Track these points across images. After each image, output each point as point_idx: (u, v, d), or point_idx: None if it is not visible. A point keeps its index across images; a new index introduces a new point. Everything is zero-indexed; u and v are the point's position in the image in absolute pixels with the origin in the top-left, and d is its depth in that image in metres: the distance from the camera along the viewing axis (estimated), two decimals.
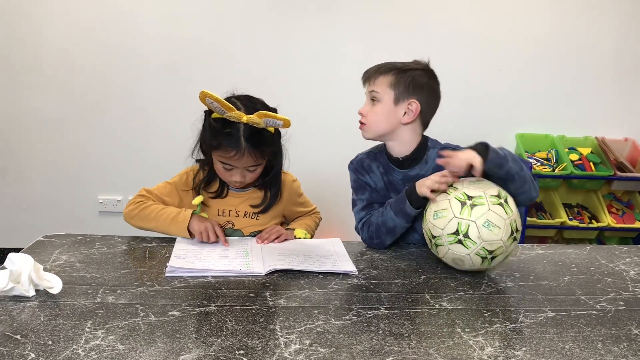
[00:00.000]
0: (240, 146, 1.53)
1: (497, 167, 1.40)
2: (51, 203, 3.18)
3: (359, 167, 1.69)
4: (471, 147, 1.43)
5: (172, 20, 3.02)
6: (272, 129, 1.55)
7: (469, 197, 1.36)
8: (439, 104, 1.64)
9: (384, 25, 3.09)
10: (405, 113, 1.57)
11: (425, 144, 1.64)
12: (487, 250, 1.33)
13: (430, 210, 1.43)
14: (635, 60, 3.22)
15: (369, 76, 1.62)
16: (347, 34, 3.10)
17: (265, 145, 1.57)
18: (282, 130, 1.63)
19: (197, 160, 1.71)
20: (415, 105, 1.57)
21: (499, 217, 1.34)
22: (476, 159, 1.38)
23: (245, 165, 1.58)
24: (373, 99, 1.59)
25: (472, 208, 1.34)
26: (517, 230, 1.37)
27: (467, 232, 1.33)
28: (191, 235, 1.56)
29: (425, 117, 1.61)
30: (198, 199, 1.65)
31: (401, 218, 1.52)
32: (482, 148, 1.41)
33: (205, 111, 1.59)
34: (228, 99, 1.58)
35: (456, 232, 1.34)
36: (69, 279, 1.26)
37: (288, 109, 1.70)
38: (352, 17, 3.08)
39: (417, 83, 1.57)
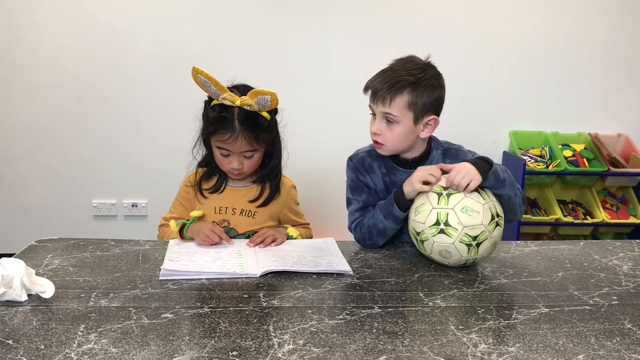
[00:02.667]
0: (234, 128, 1.56)
1: (491, 189, 1.42)
2: (45, 208, 3.17)
3: (359, 166, 1.64)
4: (474, 161, 1.42)
5: (164, 25, 3.02)
6: (267, 115, 1.57)
7: (445, 188, 1.39)
8: None
9: (377, 24, 3.10)
10: (424, 129, 1.54)
11: (429, 144, 1.62)
12: (470, 236, 1.34)
13: (412, 209, 1.45)
14: (627, 56, 3.24)
15: (381, 96, 1.50)
16: (340, 33, 3.10)
17: (260, 130, 1.59)
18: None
19: (199, 163, 1.75)
20: (434, 121, 1.54)
21: (475, 202, 1.36)
22: (476, 181, 1.37)
23: (241, 150, 1.60)
24: (389, 120, 1.52)
25: (448, 197, 1.37)
26: (498, 216, 1.39)
27: (446, 220, 1.35)
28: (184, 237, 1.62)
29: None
30: (195, 213, 1.68)
31: (391, 221, 1.52)
32: (484, 167, 1.40)
33: (205, 101, 1.63)
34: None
35: (437, 223, 1.36)
36: (61, 283, 1.25)
37: (283, 110, 1.70)
38: (345, 16, 3.08)
39: (433, 96, 1.51)
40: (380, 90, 1.50)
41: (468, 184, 1.37)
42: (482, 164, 1.41)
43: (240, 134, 1.57)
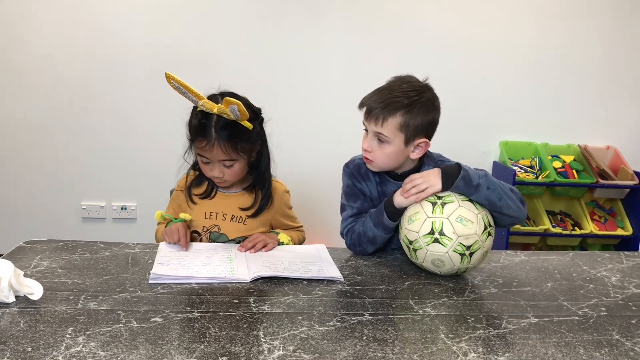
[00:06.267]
0: (210, 136, 1.55)
1: (464, 195, 1.41)
2: (34, 209, 3.15)
3: (355, 172, 1.65)
4: (445, 168, 1.43)
5: (157, 26, 3.02)
6: (249, 125, 1.56)
7: (439, 197, 1.40)
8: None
9: (371, 34, 3.11)
10: (414, 150, 1.55)
11: (421, 158, 1.62)
12: (464, 246, 1.34)
13: (404, 217, 1.45)
14: (618, 70, 3.28)
15: (374, 115, 1.50)
16: (334, 42, 3.11)
17: (239, 140, 1.57)
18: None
19: (192, 165, 1.75)
20: (425, 144, 1.54)
21: (470, 212, 1.37)
22: (432, 188, 1.40)
23: (218, 158, 1.59)
24: (380, 139, 1.52)
25: (443, 206, 1.37)
26: (490, 225, 1.40)
27: (441, 230, 1.35)
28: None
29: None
30: (183, 215, 1.68)
31: (380, 230, 1.52)
32: (453, 173, 1.40)
33: (194, 107, 1.62)
34: (212, 95, 1.59)
35: (431, 232, 1.36)
36: (50, 285, 1.24)
37: (275, 116, 1.70)
38: (340, 26, 3.10)
39: (426, 120, 1.51)
40: (374, 109, 1.51)
41: (426, 189, 1.40)
42: (453, 170, 1.41)
43: (216, 142, 1.55)
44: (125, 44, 3.02)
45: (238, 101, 1.49)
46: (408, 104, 1.49)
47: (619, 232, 3.18)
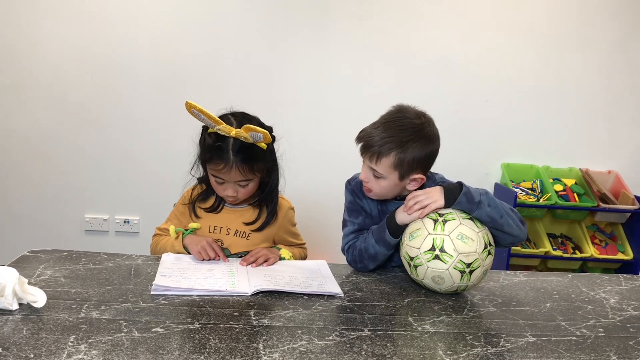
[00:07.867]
0: (228, 160, 1.56)
1: (465, 211, 1.43)
2: (37, 221, 3.16)
3: (357, 190, 1.67)
4: (447, 186, 1.46)
5: (165, 41, 3.05)
6: (264, 145, 1.58)
7: (440, 215, 1.42)
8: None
9: (375, 54, 3.15)
10: (410, 182, 1.56)
11: None
12: (465, 263, 1.36)
13: (406, 234, 1.47)
14: (620, 94, 3.30)
15: (369, 153, 1.53)
16: (339, 61, 3.14)
17: (255, 161, 1.60)
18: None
19: (199, 179, 1.76)
20: (420, 178, 1.55)
21: (470, 230, 1.38)
22: (435, 204, 1.43)
23: (235, 180, 1.61)
24: (375, 175, 1.54)
25: (444, 223, 1.39)
26: (490, 244, 1.41)
27: (442, 246, 1.36)
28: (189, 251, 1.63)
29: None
30: (193, 225, 1.70)
31: (382, 246, 1.53)
32: (455, 190, 1.43)
33: (203, 126, 1.63)
34: (223, 116, 1.62)
35: (432, 248, 1.37)
36: (53, 293, 1.25)
37: (279, 132, 1.72)
38: (344, 45, 3.13)
39: (421, 156, 1.52)
40: (369, 147, 1.52)
41: (428, 205, 1.42)
42: (454, 187, 1.45)
43: (235, 164, 1.57)
44: (130, 60, 3.05)
45: (264, 130, 1.52)
46: (402, 143, 1.49)
47: (620, 256, 3.17)
